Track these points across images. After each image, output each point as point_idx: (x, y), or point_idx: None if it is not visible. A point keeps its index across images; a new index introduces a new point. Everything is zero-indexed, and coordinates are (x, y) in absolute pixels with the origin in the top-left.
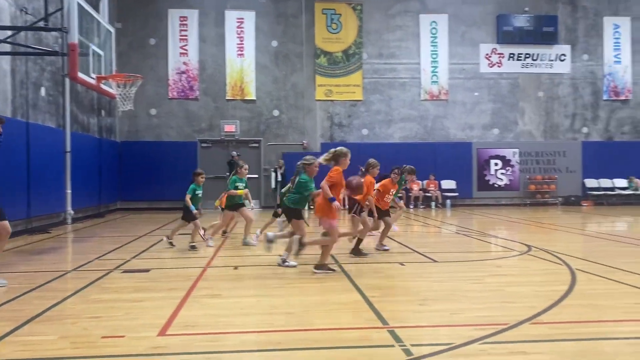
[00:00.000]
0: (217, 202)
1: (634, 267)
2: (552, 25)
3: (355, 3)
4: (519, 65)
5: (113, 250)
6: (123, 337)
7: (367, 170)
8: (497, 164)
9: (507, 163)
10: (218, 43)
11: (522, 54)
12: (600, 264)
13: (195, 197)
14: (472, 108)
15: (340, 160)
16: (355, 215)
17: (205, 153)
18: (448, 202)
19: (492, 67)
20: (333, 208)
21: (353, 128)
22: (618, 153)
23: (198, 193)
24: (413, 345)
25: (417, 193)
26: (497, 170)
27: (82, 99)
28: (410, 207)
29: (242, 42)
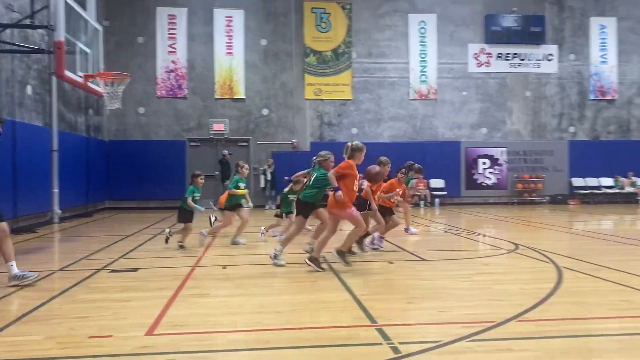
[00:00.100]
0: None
1: (620, 264)
2: (539, 25)
3: (345, 2)
4: (507, 65)
5: (100, 250)
6: (110, 337)
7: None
8: (485, 163)
9: (495, 162)
10: (207, 41)
11: (510, 54)
12: (587, 262)
13: (193, 198)
14: (460, 107)
15: (355, 155)
16: (367, 212)
17: (194, 152)
18: (437, 201)
19: (480, 66)
20: (345, 200)
21: (342, 127)
22: (604, 152)
23: (196, 195)
24: (401, 343)
25: (423, 191)
26: (485, 169)
27: (69, 98)
28: (419, 205)
29: (231, 40)
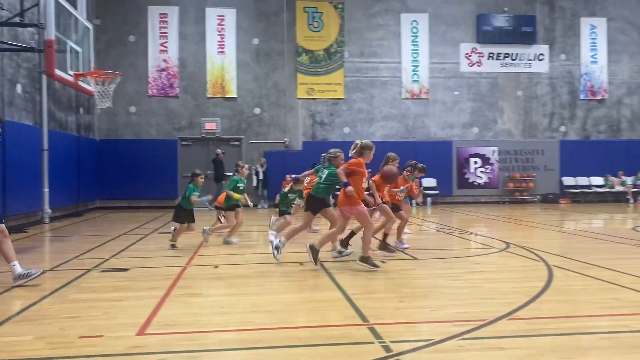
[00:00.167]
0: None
1: (610, 263)
2: (530, 25)
3: (337, 1)
4: (499, 65)
5: (91, 250)
6: (101, 336)
7: (386, 164)
8: (476, 163)
9: (486, 161)
10: (198, 40)
11: (501, 54)
12: (577, 261)
13: (188, 198)
14: (452, 107)
15: (365, 153)
16: (378, 208)
17: (186, 151)
18: (429, 200)
19: (472, 66)
20: (354, 196)
21: (335, 126)
22: (594, 151)
23: (195, 194)
24: (393, 342)
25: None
26: (476, 169)
27: (59, 96)
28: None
29: (222, 39)
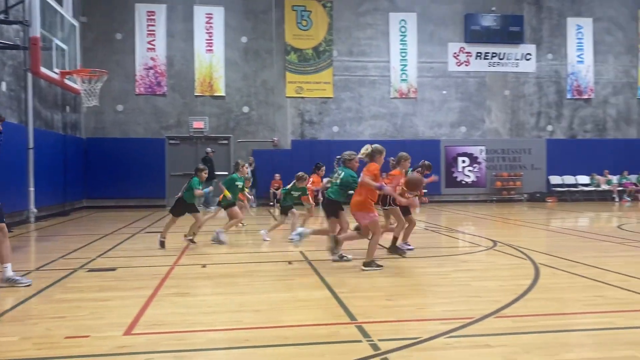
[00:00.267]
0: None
1: (595, 261)
2: (518, 25)
3: (325, 0)
4: (486, 64)
5: (78, 249)
6: (87, 337)
7: (398, 163)
8: (464, 161)
9: (474, 160)
10: (186, 38)
11: (489, 53)
12: (563, 259)
13: (191, 192)
14: (440, 106)
15: (376, 157)
16: (390, 208)
17: (173, 150)
18: (416, 199)
19: (459, 65)
20: (370, 203)
21: (324, 125)
22: (581, 151)
23: (199, 188)
24: (380, 340)
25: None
26: (464, 168)
27: (45, 95)
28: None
29: (211, 37)
